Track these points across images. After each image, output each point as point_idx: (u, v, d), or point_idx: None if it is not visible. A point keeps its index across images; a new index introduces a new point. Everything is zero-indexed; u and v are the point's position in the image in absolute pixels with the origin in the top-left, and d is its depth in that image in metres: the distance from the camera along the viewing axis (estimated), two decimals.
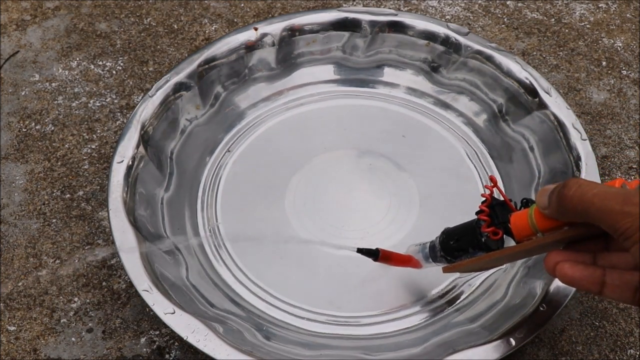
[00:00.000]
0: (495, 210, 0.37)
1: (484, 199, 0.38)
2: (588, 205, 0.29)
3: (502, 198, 0.38)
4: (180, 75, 0.55)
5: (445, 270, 0.42)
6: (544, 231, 0.33)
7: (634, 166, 0.57)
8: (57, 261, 0.51)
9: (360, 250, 0.44)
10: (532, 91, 0.54)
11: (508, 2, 0.71)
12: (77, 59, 0.65)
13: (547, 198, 0.32)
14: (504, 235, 0.37)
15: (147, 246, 0.45)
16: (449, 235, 0.41)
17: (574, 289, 0.43)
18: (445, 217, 0.43)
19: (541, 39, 0.68)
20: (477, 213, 0.38)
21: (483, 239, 0.38)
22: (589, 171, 0.48)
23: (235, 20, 0.69)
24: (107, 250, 0.49)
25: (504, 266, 0.50)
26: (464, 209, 0.41)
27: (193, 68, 0.55)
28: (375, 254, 0.44)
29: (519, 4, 0.71)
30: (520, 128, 0.56)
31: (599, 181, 0.48)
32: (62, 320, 0.48)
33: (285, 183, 0.54)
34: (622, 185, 0.31)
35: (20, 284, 0.50)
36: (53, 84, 0.63)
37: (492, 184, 0.38)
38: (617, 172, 0.57)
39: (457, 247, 0.40)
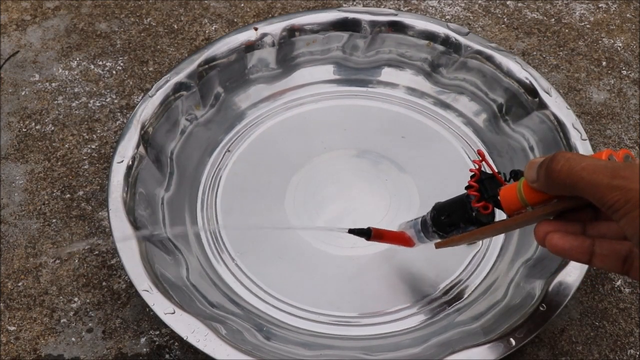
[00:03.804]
0: (485, 185, 0.37)
1: (472, 173, 0.38)
2: (576, 179, 0.29)
3: (490, 173, 0.37)
4: (180, 75, 0.55)
5: (437, 246, 0.42)
6: (533, 204, 0.33)
7: None
8: (57, 261, 0.51)
9: (352, 231, 0.43)
10: (532, 91, 0.54)
11: (508, 2, 0.71)
12: (77, 59, 0.65)
13: (536, 172, 0.32)
14: (495, 208, 0.37)
15: (146, 237, 0.45)
16: (439, 210, 0.41)
17: (573, 289, 0.43)
18: None
19: (541, 39, 0.68)
20: (466, 188, 0.38)
21: (474, 214, 0.38)
22: None
23: (235, 20, 0.69)
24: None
25: (505, 265, 0.50)
26: None
27: (193, 68, 0.55)
28: (367, 233, 0.43)
29: (519, 4, 0.71)
30: (520, 128, 0.56)
31: None
32: (62, 320, 0.48)
33: (285, 183, 0.54)
34: (609, 156, 0.31)
35: (20, 284, 0.50)
36: (53, 84, 0.63)
37: (480, 158, 0.38)
38: None
39: (449, 222, 0.40)
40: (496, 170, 0.37)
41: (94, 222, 0.53)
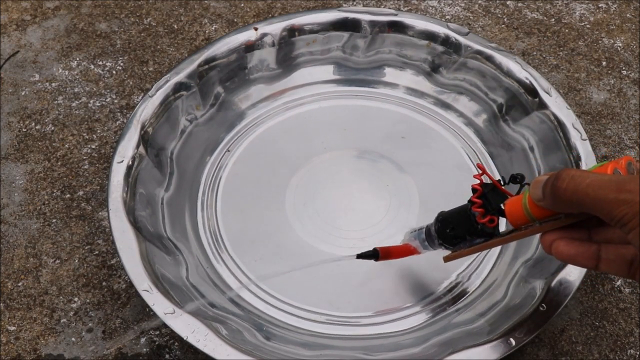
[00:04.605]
0: (488, 198, 0.37)
1: (474, 189, 0.38)
2: (582, 197, 0.29)
3: (491, 183, 0.37)
4: (180, 75, 0.55)
5: (446, 260, 0.42)
6: (540, 219, 0.34)
7: None
8: (57, 261, 0.51)
9: (360, 256, 0.44)
10: (532, 91, 0.54)
11: (508, 2, 0.71)
12: (77, 59, 0.65)
13: (541, 191, 0.32)
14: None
15: (148, 245, 0.45)
16: (444, 223, 0.40)
17: (574, 289, 0.43)
18: None
19: (541, 39, 0.68)
20: (469, 202, 0.38)
21: (479, 227, 0.38)
22: None
23: (235, 20, 0.69)
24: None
25: (505, 265, 0.50)
26: None
27: (193, 68, 0.55)
28: (375, 255, 0.43)
29: (519, 4, 0.71)
30: (520, 128, 0.56)
31: None
32: (62, 320, 0.48)
33: (285, 183, 0.54)
34: (614, 170, 0.31)
35: (20, 284, 0.50)
36: (53, 84, 0.63)
37: (481, 172, 0.38)
38: None
39: (454, 235, 0.40)
40: (496, 179, 0.37)
41: (94, 222, 0.53)
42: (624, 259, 0.32)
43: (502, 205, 0.37)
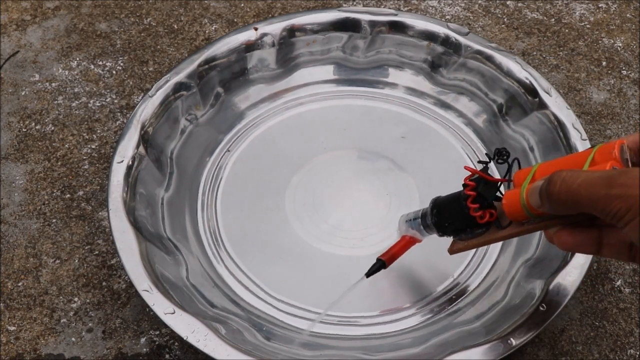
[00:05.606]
0: (483, 195, 0.37)
1: (467, 194, 0.38)
2: (576, 198, 0.29)
3: (480, 177, 0.38)
4: (180, 75, 0.55)
5: (452, 253, 0.41)
6: (540, 216, 0.34)
7: None
8: (57, 261, 0.51)
9: (369, 274, 0.43)
10: (532, 91, 0.54)
11: (508, 2, 0.71)
12: (77, 59, 0.65)
13: (538, 197, 0.32)
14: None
15: (148, 246, 0.45)
16: (440, 216, 0.40)
17: (573, 289, 0.43)
18: None
19: (541, 39, 0.68)
20: (466, 208, 0.38)
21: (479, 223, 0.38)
22: None
23: (235, 20, 0.69)
24: None
25: (505, 265, 0.50)
26: None
27: (193, 68, 0.55)
28: (382, 265, 0.43)
29: (519, 4, 0.71)
30: (520, 128, 0.56)
31: None
32: (62, 320, 0.48)
33: (285, 183, 0.54)
34: (613, 168, 0.30)
35: (20, 284, 0.50)
36: (53, 84, 0.63)
37: (470, 174, 0.38)
38: None
39: (454, 228, 0.40)
40: (479, 170, 0.37)
41: (94, 222, 0.53)
42: (624, 243, 0.32)
43: (497, 193, 0.37)
